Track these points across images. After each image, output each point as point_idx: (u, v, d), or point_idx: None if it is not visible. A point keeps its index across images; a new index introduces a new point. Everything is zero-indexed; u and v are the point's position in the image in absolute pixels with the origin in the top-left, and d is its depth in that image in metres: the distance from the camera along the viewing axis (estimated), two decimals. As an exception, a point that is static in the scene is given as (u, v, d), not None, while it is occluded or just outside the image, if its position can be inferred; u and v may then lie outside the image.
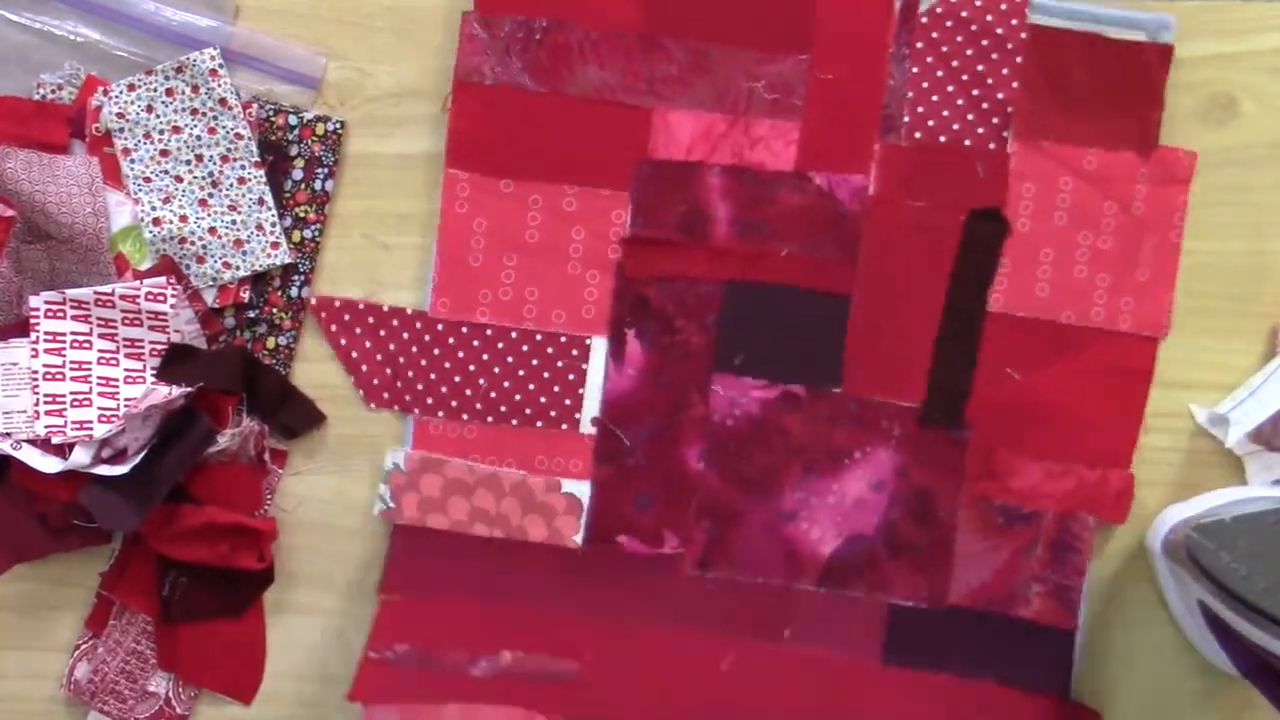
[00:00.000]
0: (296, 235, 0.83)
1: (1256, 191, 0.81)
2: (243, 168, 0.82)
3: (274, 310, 0.83)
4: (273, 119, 0.82)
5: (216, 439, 0.80)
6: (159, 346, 0.81)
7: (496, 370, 0.81)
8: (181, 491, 0.80)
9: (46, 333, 0.80)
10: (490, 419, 0.81)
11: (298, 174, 0.83)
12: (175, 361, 0.81)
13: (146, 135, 0.82)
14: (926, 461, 0.79)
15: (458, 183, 0.81)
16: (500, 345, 0.81)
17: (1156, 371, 0.80)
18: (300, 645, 0.84)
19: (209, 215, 0.82)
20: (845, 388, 0.80)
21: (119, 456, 0.79)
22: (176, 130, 0.82)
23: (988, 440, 0.79)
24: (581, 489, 0.81)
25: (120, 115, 0.81)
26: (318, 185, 0.83)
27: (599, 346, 0.81)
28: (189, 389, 0.79)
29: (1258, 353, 0.81)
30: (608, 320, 0.81)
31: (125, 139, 0.82)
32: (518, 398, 0.81)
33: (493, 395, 0.81)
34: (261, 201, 0.82)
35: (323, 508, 0.84)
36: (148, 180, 0.82)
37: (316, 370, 0.84)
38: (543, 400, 0.81)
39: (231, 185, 0.82)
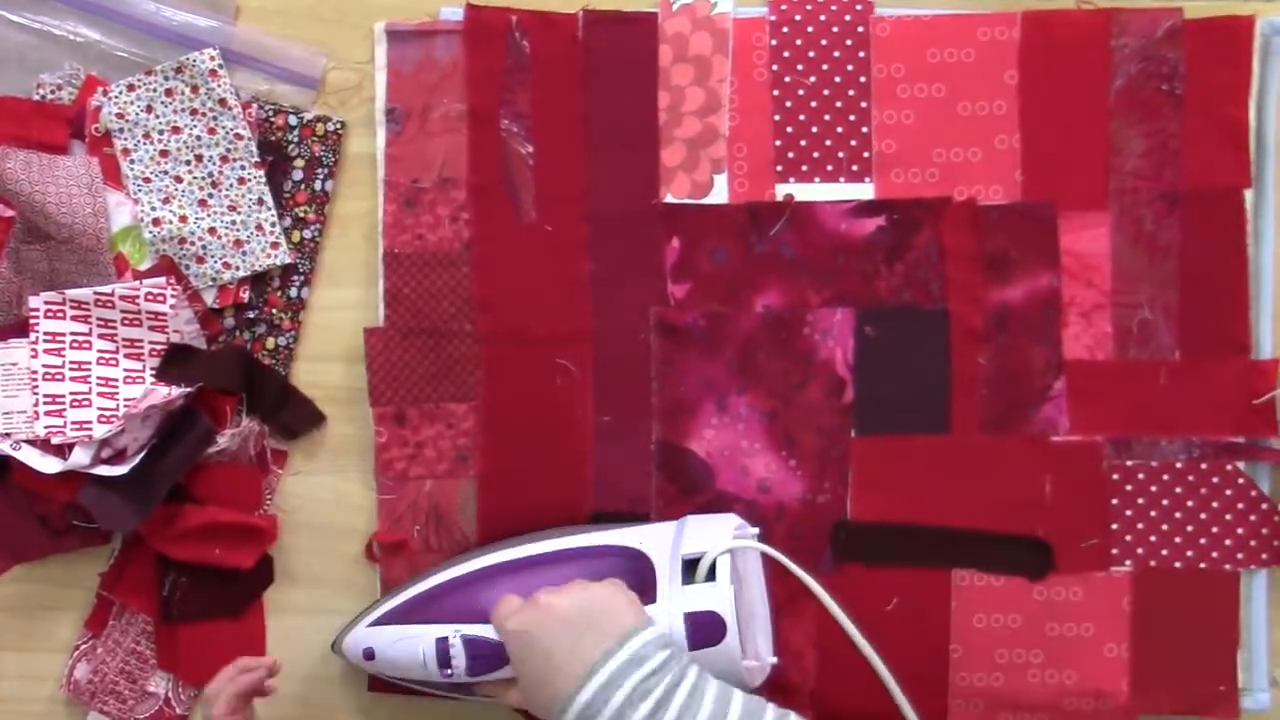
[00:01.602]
0: (296, 235, 0.83)
1: (1257, 192, 0.81)
2: (242, 168, 0.82)
3: (273, 311, 0.83)
4: (273, 119, 0.82)
5: (216, 439, 0.80)
6: (158, 347, 0.81)
7: None
8: (182, 491, 0.81)
9: (46, 333, 0.80)
10: None
11: (298, 174, 0.83)
12: (175, 362, 0.81)
13: (146, 135, 0.82)
14: None
15: None
16: None
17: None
18: (300, 645, 0.84)
19: (209, 215, 0.82)
20: None
21: (119, 457, 0.79)
22: (176, 130, 0.82)
23: None
24: None
25: (120, 115, 0.81)
26: (318, 185, 0.83)
27: None
28: (188, 389, 0.79)
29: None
30: None
31: (125, 139, 0.81)
32: None
33: None
34: (261, 202, 0.82)
35: (322, 508, 0.84)
36: (147, 180, 0.82)
37: (316, 370, 0.84)
38: None
39: (231, 186, 0.82)
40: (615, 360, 0.81)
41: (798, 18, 0.81)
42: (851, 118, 0.81)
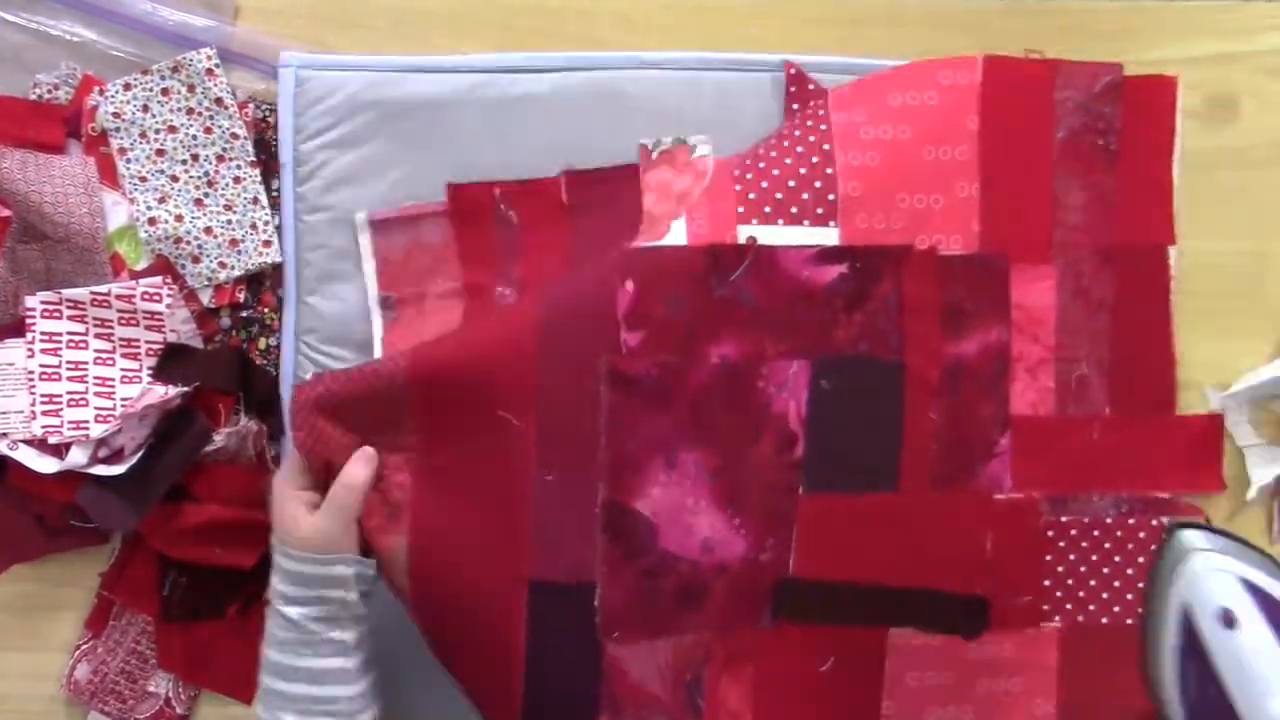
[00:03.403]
0: (293, 235, 0.83)
1: (1256, 191, 0.81)
2: (238, 167, 0.82)
3: (265, 310, 0.83)
4: (269, 118, 0.82)
5: (213, 438, 0.80)
6: (155, 346, 0.81)
7: None
8: (182, 491, 0.80)
9: (43, 333, 0.80)
10: None
11: (294, 174, 0.83)
12: (171, 361, 0.81)
13: (142, 135, 0.81)
14: None
15: None
16: None
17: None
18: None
19: (205, 215, 0.82)
20: None
21: (116, 456, 0.79)
22: (172, 130, 0.82)
23: None
24: None
25: (116, 115, 0.81)
26: (314, 185, 0.83)
27: None
28: (185, 389, 0.79)
29: (1260, 351, 0.81)
30: None
31: (121, 138, 0.81)
32: None
33: None
34: (256, 201, 0.82)
35: (320, 508, 0.83)
36: (143, 180, 0.82)
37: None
38: None
39: (227, 185, 0.82)
40: (562, 413, 0.75)
41: None
42: (814, 159, 0.78)
